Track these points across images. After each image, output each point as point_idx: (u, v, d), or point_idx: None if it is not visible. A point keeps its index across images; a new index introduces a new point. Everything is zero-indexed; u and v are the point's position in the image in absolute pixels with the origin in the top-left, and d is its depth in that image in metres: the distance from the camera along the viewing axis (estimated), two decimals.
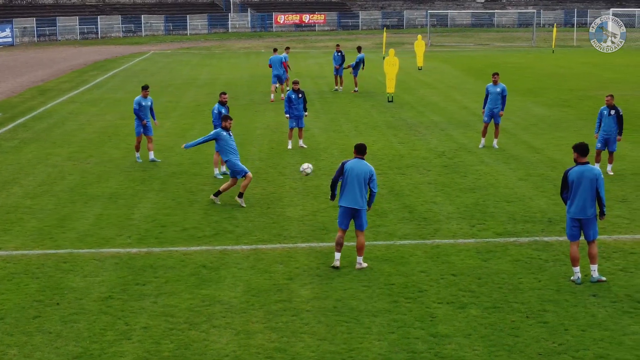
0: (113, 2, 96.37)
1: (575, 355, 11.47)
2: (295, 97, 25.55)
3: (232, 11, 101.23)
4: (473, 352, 11.57)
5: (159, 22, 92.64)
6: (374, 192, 14.85)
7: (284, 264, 15.30)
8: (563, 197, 14.35)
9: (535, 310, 13.04)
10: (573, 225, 14.14)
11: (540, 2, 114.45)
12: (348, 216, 14.87)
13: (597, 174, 14.02)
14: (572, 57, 59.17)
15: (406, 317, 12.80)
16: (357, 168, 14.68)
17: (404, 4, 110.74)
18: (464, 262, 15.31)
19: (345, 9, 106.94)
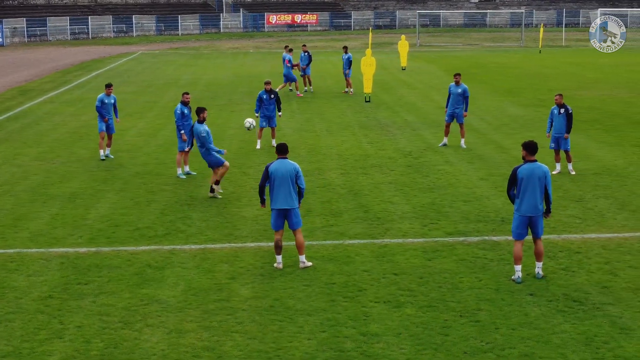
0: (105, 2, 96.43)
1: (500, 354, 11.52)
2: (267, 97, 25.63)
3: (225, 11, 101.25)
4: (400, 351, 11.63)
5: (150, 22, 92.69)
6: (302, 188, 14.85)
7: (229, 263, 15.36)
8: (510, 194, 14.41)
9: (470, 309, 13.09)
10: (522, 223, 14.20)
11: (533, 2, 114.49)
12: (281, 218, 14.91)
13: (545, 172, 14.13)
14: (558, 57, 59.22)
15: (340, 316, 12.86)
16: (281, 168, 14.72)
17: (397, 4, 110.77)
18: (409, 261, 15.37)
19: (338, 9, 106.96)
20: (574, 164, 22.67)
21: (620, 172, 22.29)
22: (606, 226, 17.49)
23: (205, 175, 22.47)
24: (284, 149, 15.02)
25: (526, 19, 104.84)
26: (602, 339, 11.96)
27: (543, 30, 69.71)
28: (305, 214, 18.57)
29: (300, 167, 15.03)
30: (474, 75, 47.43)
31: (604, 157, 24.30)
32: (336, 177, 22.16)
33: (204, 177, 22.17)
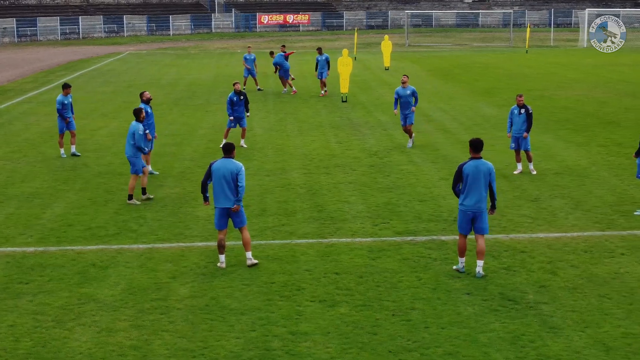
0: (97, 2, 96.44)
1: (424, 353, 11.58)
2: (237, 98, 25.69)
3: (217, 11, 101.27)
4: (325, 350, 11.68)
5: (141, 22, 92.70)
6: (240, 186, 14.82)
7: (174, 262, 15.41)
8: (456, 190, 14.60)
9: (404, 309, 13.15)
10: (466, 218, 14.38)
11: (526, 3, 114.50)
12: (224, 216, 14.96)
13: (490, 168, 14.32)
14: (544, 58, 59.24)
15: (273, 315, 12.91)
16: (223, 168, 14.76)
17: (390, 4, 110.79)
18: (352, 260, 15.42)
19: (330, 9, 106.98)
20: (537, 164, 22.73)
21: (582, 172, 22.33)
22: (556, 226, 17.54)
23: (167, 175, 22.53)
24: (229, 149, 15.07)
25: (518, 19, 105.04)
26: (529, 337, 12.02)
27: (530, 30, 69.75)
28: (259, 213, 18.65)
29: (244, 168, 15.03)
30: (456, 75, 47.55)
31: (568, 157, 24.34)
32: (298, 176, 22.21)
33: (165, 177, 22.23)
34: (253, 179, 21.87)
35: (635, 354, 11.51)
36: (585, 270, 14.83)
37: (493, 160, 23.39)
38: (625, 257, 15.46)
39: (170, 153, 25.52)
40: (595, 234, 16.95)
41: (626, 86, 41.52)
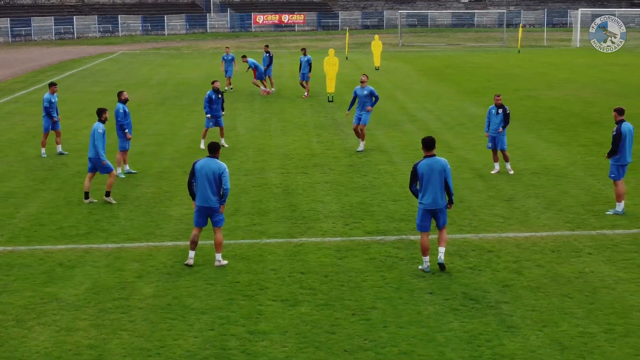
0: (92, 2, 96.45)
1: (379, 352, 11.60)
2: (216, 96, 25.71)
3: (212, 11, 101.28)
4: (281, 349, 11.70)
5: (136, 22, 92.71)
6: (225, 189, 14.91)
7: (141, 262, 15.43)
8: (413, 190, 14.75)
9: (365, 308, 13.17)
10: (425, 216, 14.54)
11: (522, 3, 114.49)
12: (203, 215, 15.00)
13: (444, 165, 14.48)
14: (535, 57, 59.26)
15: (234, 315, 12.93)
16: (206, 167, 14.80)
17: (386, 4, 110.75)
18: (319, 260, 15.44)
19: (326, 9, 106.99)
20: (515, 164, 22.79)
21: (559, 172, 22.35)
22: (527, 225, 17.57)
23: (145, 174, 22.57)
24: (214, 149, 15.09)
25: (514, 19, 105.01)
26: (486, 337, 12.04)
27: (523, 30, 69.76)
28: (233, 213, 18.68)
29: (227, 168, 15.04)
30: (446, 75, 47.59)
31: (548, 157, 24.36)
32: (275, 176, 22.23)
33: (143, 177, 22.26)
34: (230, 179, 21.74)
35: (590, 352, 11.53)
36: (550, 269, 14.86)
37: (470, 160, 23.56)
38: (592, 257, 15.48)
39: (151, 152, 25.55)
40: (564, 233, 16.98)
41: (615, 86, 41.55)
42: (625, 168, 18.28)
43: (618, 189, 18.18)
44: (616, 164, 18.14)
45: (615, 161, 18.11)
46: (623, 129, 17.98)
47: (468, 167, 23.10)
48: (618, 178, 18.18)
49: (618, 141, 17.89)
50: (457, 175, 22.07)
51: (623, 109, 18.32)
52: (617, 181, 18.21)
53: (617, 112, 18.25)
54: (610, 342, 11.87)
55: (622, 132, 17.95)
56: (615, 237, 16.69)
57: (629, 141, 18.09)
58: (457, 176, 21.92)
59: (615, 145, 17.95)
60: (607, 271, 14.75)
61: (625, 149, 18.03)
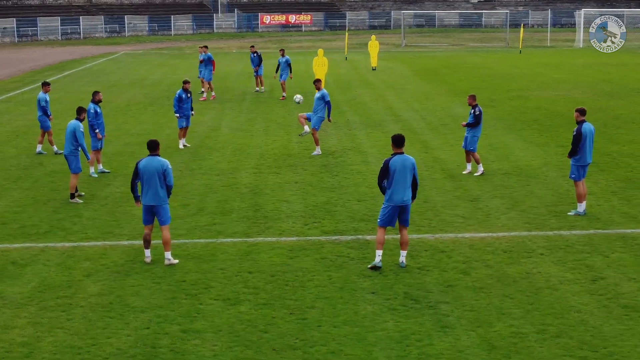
0: (100, 2, 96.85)
1: (308, 351, 11.66)
2: (185, 96, 25.81)
3: (220, 12, 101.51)
4: (211, 348, 11.78)
5: (142, 22, 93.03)
6: (169, 186, 15.04)
7: (93, 260, 15.53)
8: (382, 186, 14.85)
9: (304, 307, 13.23)
10: (393, 212, 14.69)
11: (530, 3, 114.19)
12: (150, 213, 15.11)
13: (413, 162, 14.82)
14: (535, 58, 59.12)
15: (172, 313, 13.02)
16: (149, 165, 14.91)
17: (394, 4, 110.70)
18: (270, 259, 15.50)
19: (333, 10, 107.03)
20: (490, 164, 22.90)
21: (531, 173, 22.33)
22: (485, 226, 17.58)
23: (118, 174, 22.69)
24: (154, 146, 15.20)
25: (522, 19, 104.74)
26: (417, 337, 12.08)
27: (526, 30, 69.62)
28: (196, 212, 18.78)
29: (170, 164, 15.17)
30: (441, 75, 47.55)
31: (523, 157, 24.34)
32: (246, 176, 22.31)
33: (115, 176, 22.38)
34: (201, 179, 22.02)
35: (518, 352, 11.56)
36: (498, 270, 14.87)
37: (444, 160, 23.57)
38: (543, 258, 15.49)
39: (130, 152, 25.67)
40: (521, 234, 16.99)
41: (608, 86, 41.43)
42: (586, 169, 18.26)
43: (579, 190, 18.17)
44: (577, 165, 18.13)
45: (575, 161, 18.10)
46: (584, 129, 17.97)
47: (440, 167, 23.12)
48: (579, 179, 18.16)
49: (578, 141, 17.88)
50: (429, 175, 22.14)
51: (585, 110, 18.33)
52: (577, 182, 18.20)
53: (579, 112, 18.25)
54: (540, 342, 11.88)
55: (583, 133, 17.94)
56: (570, 237, 16.68)
57: (590, 142, 18.08)
58: (428, 176, 21.99)
59: (575, 145, 17.94)
60: (555, 272, 14.75)
61: (585, 150, 18.02)
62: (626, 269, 14.88)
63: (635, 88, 40.35)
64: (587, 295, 13.69)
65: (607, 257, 15.52)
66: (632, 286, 14.03)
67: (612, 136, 27.55)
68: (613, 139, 27.11)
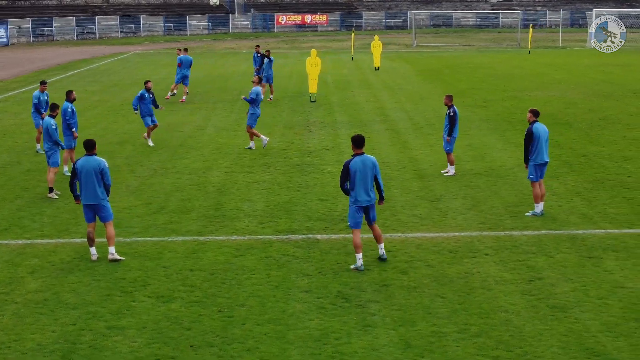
0: (117, 2, 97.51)
1: (224, 348, 11.79)
2: (148, 95, 26.12)
3: (237, 12, 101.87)
4: (130, 344, 11.93)
5: (158, 22, 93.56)
6: (107, 184, 15.24)
7: (42, 257, 15.74)
8: (345, 188, 14.96)
9: (234, 305, 13.35)
10: (358, 213, 14.81)
11: (548, 3, 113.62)
12: (91, 212, 15.31)
13: (374, 162, 14.89)
14: (541, 58, 58.85)
15: (103, 310, 13.18)
16: (87, 165, 15.14)
17: (411, 4, 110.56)
18: (215, 258, 15.64)
19: (350, 10, 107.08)
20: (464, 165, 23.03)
21: (502, 173, 22.32)
22: (439, 226, 17.61)
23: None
24: (90, 146, 15.41)
25: (540, 20, 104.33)
26: (336, 335, 12.17)
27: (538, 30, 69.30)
28: (156, 211, 18.96)
29: (107, 163, 15.38)
30: (442, 76, 47.53)
31: (498, 158, 24.32)
32: (217, 175, 22.47)
33: None
34: (172, 178, 22.21)
35: (432, 352, 11.64)
36: (438, 270, 14.92)
37: (421, 160, 23.60)
38: (486, 258, 15.52)
39: (109, 151, 25.85)
40: (472, 234, 17.02)
41: (606, 87, 41.21)
42: (543, 168, 18.26)
43: (535, 190, 18.17)
44: (534, 164, 18.13)
45: (532, 161, 18.10)
46: (535, 130, 17.99)
47: (413, 167, 23.18)
48: (536, 179, 18.17)
49: (529, 141, 17.88)
50: (398, 175, 22.21)
51: (538, 112, 18.36)
52: (534, 182, 18.19)
53: (532, 113, 18.26)
54: (458, 341, 11.93)
55: (535, 133, 17.95)
56: (520, 238, 16.69)
57: (545, 141, 18.09)
58: (397, 176, 22.06)
59: (527, 145, 17.94)
60: (494, 272, 14.77)
61: (542, 149, 18.02)
62: (566, 269, 14.86)
63: (633, 89, 40.10)
64: (519, 295, 13.70)
65: (551, 257, 15.51)
66: (567, 287, 14.02)
67: (594, 137, 27.44)
68: (594, 139, 27.01)
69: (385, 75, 48.18)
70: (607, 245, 16.15)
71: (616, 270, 14.83)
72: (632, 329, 12.27)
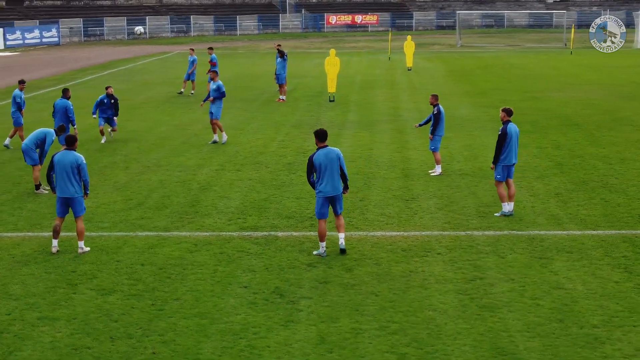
0: (170, 3, 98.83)
1: (141, 340, 12.08)
2: (107, 101, 26.55)
3: (288, 12, 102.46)
4: (54, 334, 12.28)
5: (208, 22, 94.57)
6: (85, 180, 15.69)
7: (5, 250, 16.25)
8: (311, 181, 15.46)
9: (170, 299, 13.63)
10: (324, 204, 15.28)
11: (605, 3, 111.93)
12: (64, 205, 15.80)
13: (338, 153, 15.34)
14: (580, 59, 58.23)
15: (42, 301, 13.57)
16: (64, 159, 15.64)
17: (464, 4, 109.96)
18: (170, 253, 15.95)
19: (402, 10, 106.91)
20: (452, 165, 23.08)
21: (488, 173, 22.20)
22: (402, 225, 17.70)
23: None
24: (70, 141, 15.92)
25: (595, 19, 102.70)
26: (255, 330, 12.38)
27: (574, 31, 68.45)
28: (134, 207, 19.38)
29: (84, 160, 15.85)
30: (470, 76, 47.47)
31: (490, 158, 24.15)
32: (206, 172, 22.82)
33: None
34: (162, 175, 22.64)
35: (342, 348, 11.77)
36: (384, 268, 15.02)
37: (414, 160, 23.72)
38: (437, 257, 15.56)
39: (111, 148, 26.36)
40: (433, 233, 17.08)
41: (631, 88, 40.73)
42: (511, 169, 18.21)
43: (501, 191, 18.14)
44: (502, 164, 18.09)
45: (501, 162, 18.07)
46: (509, 129, 17.94)
47: (402, 167, 23.26)
48: (502, 179, 18.13)
49: (503, 140, 17.83)
50: (384, 174, 22.31)
51: (511, 110, 18.32)
52: (500, 182, 18.16)
53: (505, 112, 18.24)
54: (373, 338, 12.04)
55: (508, 132, 17.92)
56: (478, 238, 16.70)
57: (515, 142, 18.06)
58: (382, 175, 22.15)
59: (499, 144, 17.90)
60: (438, 271, 14.83)
61: (511, 150, 17.99)
62: (512, 269, 14.86)
63: None
64: (454, 294, 13.74)
65: (502, 257, 15.50)
66: (505, 287, 14.03)
67: (597, 138, 27.17)
68: (597, 141, 26.74)
69: (414, 76, 48.14)
70: (563, 247, 16.07)
71: (562, 271, 14.75)
72: (551, 330, 12.24)
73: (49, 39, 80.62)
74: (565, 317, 12.75)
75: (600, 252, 15.78)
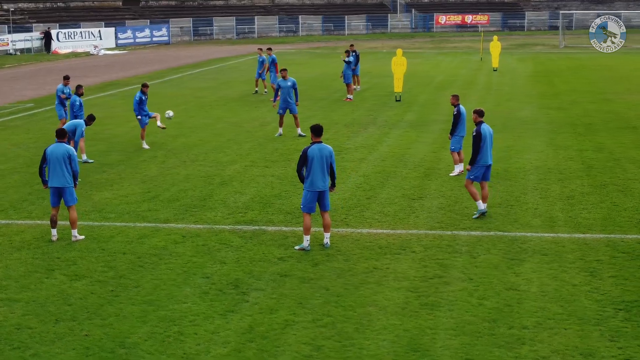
0: (282, 3, 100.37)
1: (82, 322, 12.72)
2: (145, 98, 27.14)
3: (398, 12, 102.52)
4: (7, 314, 13.08)
5: (316, 22, 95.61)
6: (75, 171, 16.61)
7: (7, 236, 17.22)
8: (300, 174, 15.98)
9: (130, 286, 14.28)
10: (312, 199, 15.83)
11: None
12: (56, 195, 16.73)
13: (330, 151, 15.93)
14: None
15: (14, 284, 14.39)
16: (56, 151, 16.59)
17: (581, 4, 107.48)
18: (156, 244, 16.58)
19: (516, 9, 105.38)
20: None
21: (509, 176, 22.12)
22: (392, 224, 17.87)
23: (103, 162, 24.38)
24: (61, 134, 16.88)
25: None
26: (193, 318, 12.85)
27: None
28: (148, 199, 20.21)
29: (74, 150, 16.80)
30: (551, 78, 46.83)
31: (524, 160, 24.11)
32: (235, 169, 23.45)
33: (101, 166, 24.07)
34: (191, 169, 23.42)
35: (265, 338, 12.12)
36: (352, 263, 15.27)
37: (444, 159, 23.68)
38: (409, 255, 15.69)
39: (160, 142, 27.29)
40: (419, 232, 17.23)
41: None
42: (488, 171, 18.22)
43: (471, 189, 18.16)
44: (477, 165, 18.09)
45: (476, 162, 18.07)
46: (483, 130, 17.91)
47: (428, 167, 23.40)
48: (477, 180, 18.15)
49: (478, 141, 17.81)
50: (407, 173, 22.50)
51: (483, 111, 18.29)
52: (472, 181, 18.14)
53: (477, 113, 18.27)
54: (299, 330, 12.34)
55: (482, 133, 17.88)
56: (461, 237, 16.75)
57: (489, 143, 18.03)
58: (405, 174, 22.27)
59: (476, 145, 17.89)
60: (402, 269, 14.99)
61: (486, 151, 17.97)
62: (477, 269, 14.89)
63: None
64: (404, 292, 13.88)
65: (474, 258, 15.54)
66: (459, 286, 14.10)
67: None
68: None
69: (497, 76, 47.72)
70: (541, 249, 15.97)
71: (525, 273, 14.71)
72: (478, 329, 12.30)
73: (159, 38, 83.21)
74: (500, 317, 12.76)
75: (576, 255, 15.60)
